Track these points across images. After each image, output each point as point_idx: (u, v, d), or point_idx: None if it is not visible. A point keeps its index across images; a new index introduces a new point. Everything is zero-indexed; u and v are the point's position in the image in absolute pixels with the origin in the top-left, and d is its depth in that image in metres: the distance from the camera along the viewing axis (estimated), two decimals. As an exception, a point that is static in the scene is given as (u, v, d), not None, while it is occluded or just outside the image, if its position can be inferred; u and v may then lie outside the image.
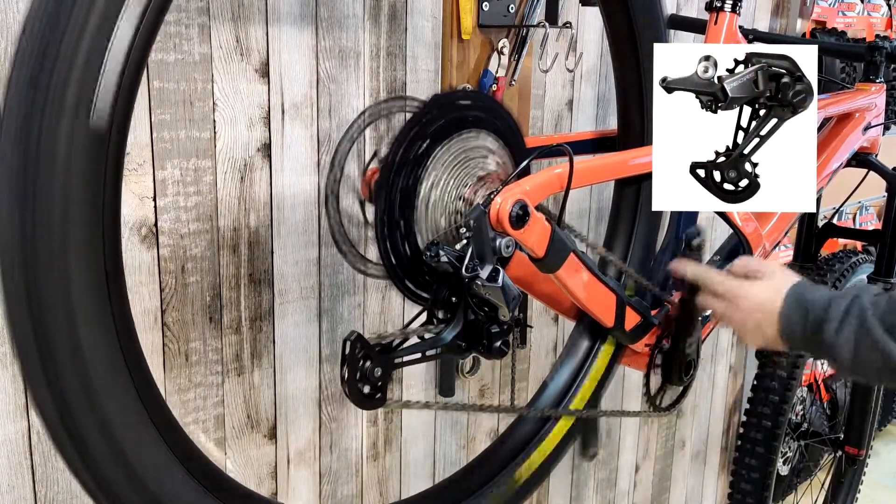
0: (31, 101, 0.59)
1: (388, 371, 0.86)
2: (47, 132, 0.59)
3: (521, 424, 1.13)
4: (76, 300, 0.62)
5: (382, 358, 0.86)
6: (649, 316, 1.16)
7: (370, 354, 0.84)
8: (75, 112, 0.59)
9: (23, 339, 0.63)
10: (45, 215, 0.60)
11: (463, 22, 1.41)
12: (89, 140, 0.60)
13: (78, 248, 0.62)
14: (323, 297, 1.37)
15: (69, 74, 0.59)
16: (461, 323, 0.91)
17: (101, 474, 0.67)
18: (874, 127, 1.70)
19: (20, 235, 0.60)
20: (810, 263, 1.93)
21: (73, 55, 0.59)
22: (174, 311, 1.18)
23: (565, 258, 0.95)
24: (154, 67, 1.10)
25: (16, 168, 0.60)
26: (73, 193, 0.60)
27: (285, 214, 1.28)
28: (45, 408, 0.65)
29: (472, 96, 0.93)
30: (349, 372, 0.83)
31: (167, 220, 1.15)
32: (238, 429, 1.30)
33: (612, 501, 2.25)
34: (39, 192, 0.59)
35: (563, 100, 1.74)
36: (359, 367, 0.83)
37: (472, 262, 0.85)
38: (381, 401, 0.86)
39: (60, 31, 0.59)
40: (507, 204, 0.85)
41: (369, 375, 0.84)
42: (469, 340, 0.92)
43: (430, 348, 0.91)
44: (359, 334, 0.84)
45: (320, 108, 1.29)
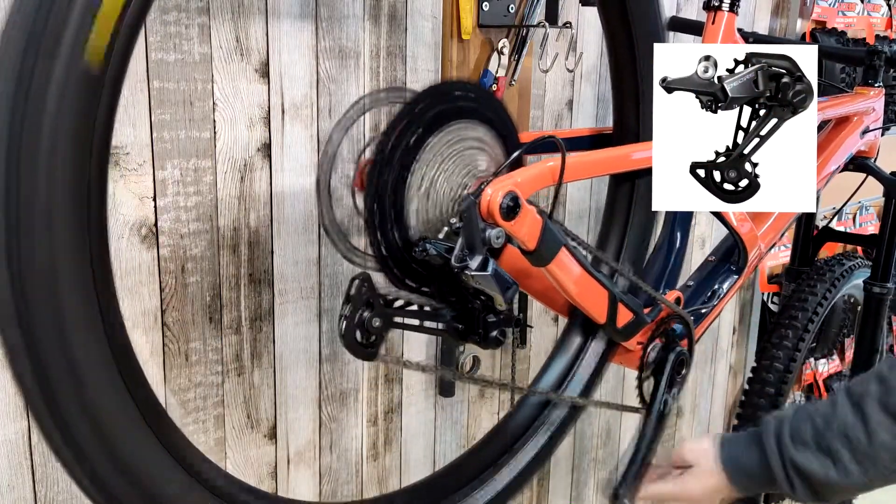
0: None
1: (386, 324, 0.85)
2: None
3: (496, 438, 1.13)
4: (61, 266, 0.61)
5: (384, 310, 0.85)
6: (641, 313, 1.16)
7: (373, 301, 0.84)
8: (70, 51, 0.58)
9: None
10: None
11: (463, 22, 1.41)
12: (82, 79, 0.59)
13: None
14: (323, 297, 1.37)
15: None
16: (461, 306, 0.91)
17: (95, 473, 0.67)
18: (872, 131, 1.70)
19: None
20: (807, 267, 1.94)
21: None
22: (174, 311, 1.18)
23: (557, 251, 0.95)
24: (154, 67, 1.10)
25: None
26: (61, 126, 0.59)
27: (285, 214, 1.28)
28: (35, 402, 0.64)
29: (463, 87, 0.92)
30: (350, 310, 0.82)
31: (167, 220, 1.15)
32: (238, 429, 1.30)
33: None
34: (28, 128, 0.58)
35: (563, 100, 1.74)
36: (360, 309, 0.82)
37: (462, 252, 0.85)
38: (372, 354, 0.85)
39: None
40: (497, 195, 0.85)
41: (367, 324, 0.83)
42: (466, 325, 0.92)
43: (430, 319, 0.90)
44: (368, 275, 0.82)
45: (320, 108, 1.29)
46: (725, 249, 1.38)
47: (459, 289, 0.90)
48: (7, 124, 0.58)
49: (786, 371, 1.83)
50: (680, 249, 1.30)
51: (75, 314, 0.62)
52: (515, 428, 1.14)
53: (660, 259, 1.29)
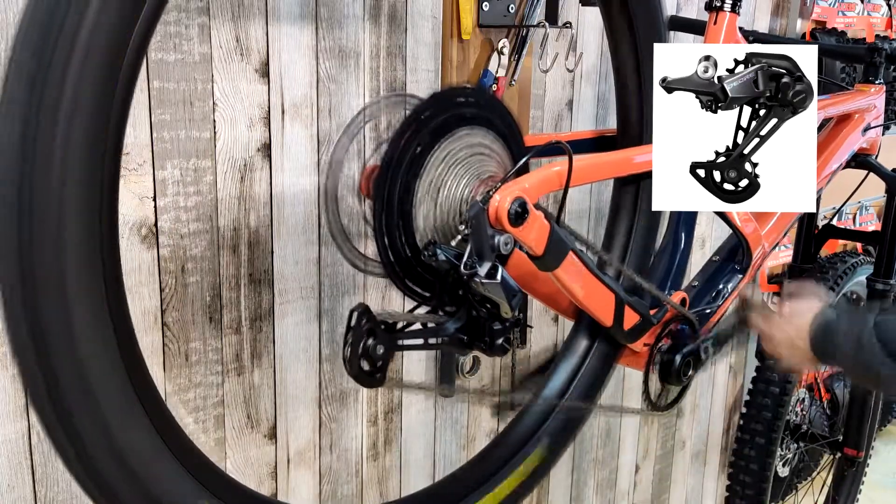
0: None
1: (390, 350, 0.85)
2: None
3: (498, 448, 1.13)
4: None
5: (386, 336, 0.85)
6: (648, 315, 1.16)
7: (375, 330, 0.83)
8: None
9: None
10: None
11: (463, 22, 1.41)
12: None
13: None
14: (323, 297, 1.37)
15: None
16: (465, 316, 0.91)
17: (99, 472, 0.67)
18: (873, 128, 1.70)
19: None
20: (810, 264, 1.93)
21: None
22: (174, 311, 1.18)
23: (564, 256, 0.95)
24: (154, 67, 1.10)
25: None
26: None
27: (285, 214, 1.28)
28: (40, 403, 0.65)
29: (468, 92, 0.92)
30: (352, 343, 0.82)
31: (167, 220, 1.15)
32: (238, 429, 1.30)
33: (612, 501, 2.25)
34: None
35: (563, 100, 1.74)
36: (362, 339, 0.82)
37: (471, 259, 0.85)
38: (380, 380, 0.85)
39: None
40: (505, 201, 0.85)
41: (371, 352, 0.83)
42: (471, 335, 0.92)
43: (433, 336, 0.90)
44: (366, 306, 0.82)
45: (320, 108, 1.29)
46: (729, 249, 1.38)
47: (465, 297, 0.90)
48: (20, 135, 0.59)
49: (786, 379, 1.83)
50: (684, 250, 1.30)
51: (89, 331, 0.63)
52: (522, 433, 1.14)
53: (664, 260, 1.29)
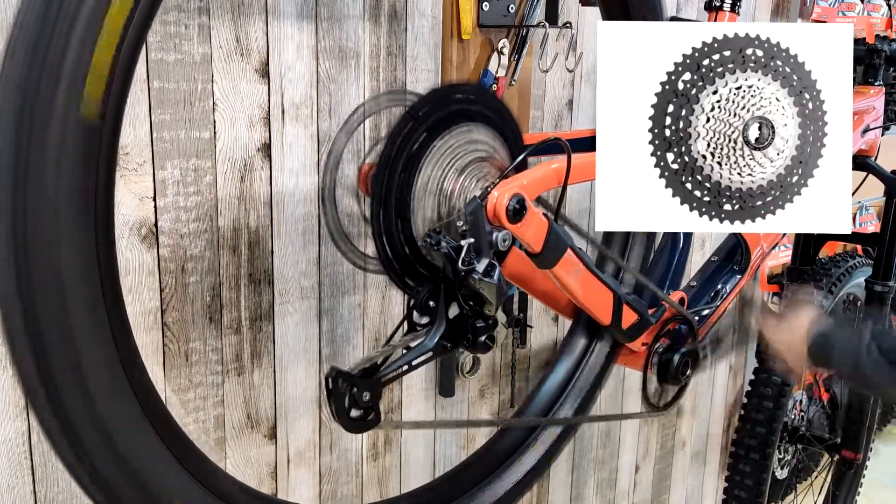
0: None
1: (376, 393, 0.86)
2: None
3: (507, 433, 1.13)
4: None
5: (367, 382, 0.86)
6: (646, 314, 1.16)
7: (355, 383, 0.84)
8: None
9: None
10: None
11: (463, 22, 1.41)
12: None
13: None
14: (323, 297, 1.37)
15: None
16: (443, 324, 0.91)
17: (98, 471, 0.67)
18: (872, 130, 1.70)
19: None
20: (809, 266, 1.93)
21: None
22: (174, 311, 1.18)
23: (562, 254, 0.95)
24: (154, 67, 1.10)
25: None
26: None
27: (285, 214, 1.28)
28: (38, 402, 0.65)
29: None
30: (336, 406, 0.84)
31: (167, 220, 1.15)
32: (238, 429, 1.30)
33: (612, 501, 2.25)
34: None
35: (563, 100, 1.74)
36: (345, 399, 0.84)
37: (469, 255, 0.85)
38: (375, 421, 0.86)
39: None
40: (503, 197, 0.85)
41: (359, 401, 0.85)
42: (453, 338, 0.92)
43: (416, 357, 0.90)
44: (338, 370, 0.84)
45: (320, 108, 1.29)
46: (728, 249, 1.38)
47: (454, 293, 0.90)
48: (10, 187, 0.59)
49: (784, 383, 1.83)
50: (683, 250, 1.30)
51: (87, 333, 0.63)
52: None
53: (663, 260, 1.29)
